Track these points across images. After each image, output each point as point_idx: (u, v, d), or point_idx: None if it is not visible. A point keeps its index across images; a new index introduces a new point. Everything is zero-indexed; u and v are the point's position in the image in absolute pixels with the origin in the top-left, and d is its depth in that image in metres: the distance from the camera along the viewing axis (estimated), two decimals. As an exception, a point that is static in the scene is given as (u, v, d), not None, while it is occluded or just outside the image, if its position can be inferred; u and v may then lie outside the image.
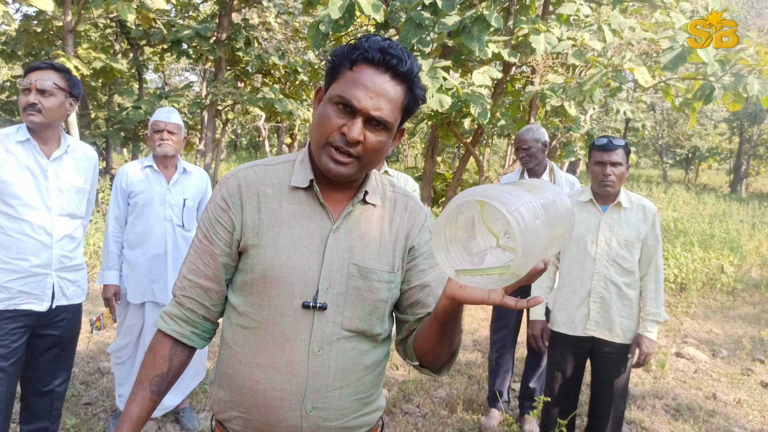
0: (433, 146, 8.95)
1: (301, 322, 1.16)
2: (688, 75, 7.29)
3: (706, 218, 12.87)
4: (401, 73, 1.13)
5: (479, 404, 3.78)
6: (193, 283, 1.24)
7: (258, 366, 1.17)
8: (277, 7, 11.26)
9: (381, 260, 1.22)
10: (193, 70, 23.03)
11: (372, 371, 1.25)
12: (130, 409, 1.18)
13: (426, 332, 1.18)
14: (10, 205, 2.22)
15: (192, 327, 1.25)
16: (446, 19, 6.10)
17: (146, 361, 1.23)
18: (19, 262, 2.25)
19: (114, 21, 12.14)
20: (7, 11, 7.45)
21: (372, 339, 1.24)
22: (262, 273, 1.17)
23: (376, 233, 1.24)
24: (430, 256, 1.28)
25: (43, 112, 2.24)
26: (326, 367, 1.17)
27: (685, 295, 7.14)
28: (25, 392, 2.49)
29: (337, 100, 1.12)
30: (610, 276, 2.68)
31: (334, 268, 1.18)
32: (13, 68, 18.18)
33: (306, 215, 1.20)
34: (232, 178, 1.23)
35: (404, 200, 1.31)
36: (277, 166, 1.25)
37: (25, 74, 2.28)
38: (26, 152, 2.28)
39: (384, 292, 1.22)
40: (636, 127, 11.03)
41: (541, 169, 3.42)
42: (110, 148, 15.26)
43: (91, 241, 6.94)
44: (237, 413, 1.21)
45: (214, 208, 1.23)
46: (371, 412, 1.27)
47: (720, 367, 4.89)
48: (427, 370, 1.27)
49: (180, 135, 3.08)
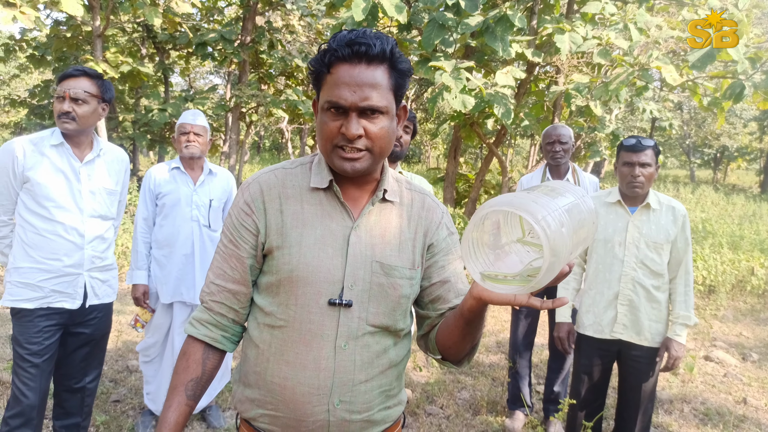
0: (455, 147, 8.92)
1: (327, 319, 1.19)
2: (717, 73, 7.15)
3: (735, 219, 12.60)
4: (375, 56, 1.14)
5: (503, 406, 3.75)
6: (222, 287, 1.26)
7: (286, 363, 1.20)
8: (300, 10, 11.34)
9: (402, 257, 1.25)
10: (217, 73, 23.30)
11: (395, 366, 1.28)
12: (168, 416, 1.20)
13: (450, 329, 1.20)
14: (44, 206, 2.28)
15: (222, 331, 1.28)
16: (469, 20, 6.07)
17: (179, 366, 1.25)
18: (53, 262, 2.31)
19: (141, 25, 12.35)
20: (38, 17, 7.63)
21: (395, 334, 1.27)
22: (288, 273, 1.19)
23: (396, 231, 1.26)
24: (448, 252, 1.32)
25: (77, 119, 2.30)
26: (352, 362, 1.20)
27: (714, 298, 7.00)
28: (58, 389, 2.55)
29: (327, 106, 1.15)
30: (638, 278, 2.64)
31: (358, 266, 1.20)
32: (44, 73, 18.62)
33: (327, 215, 1.23)
34: (253, 182, 1.26)
35: (421, 198, 1.34)
36: (295, 169, 1.28)
37: (59, 81, 2.34)
38: (60, 156, 2.34)
39: (406, 288, 1.25)
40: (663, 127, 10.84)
41: (565, 169, 3.40)
42: (137, 150, 15.51)
43: (119, 241, 7.07)
44: (264, 411, 1.23)
45: (238, 212, 1.25)
46: (394, 406, 1.30)
47: (750, 371, 4.78)
48: (448, 363, 1.30)
49: (206, 137, 3.12)
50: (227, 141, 11.38)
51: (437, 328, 1.28)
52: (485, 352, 4.89)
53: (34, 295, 2.31)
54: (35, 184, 2.27)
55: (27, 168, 2.27)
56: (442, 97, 6.03)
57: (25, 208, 2.30)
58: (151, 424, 3.18)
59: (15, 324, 2.34)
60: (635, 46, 6.60)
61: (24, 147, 2.28)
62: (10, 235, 2.39)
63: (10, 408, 2.32)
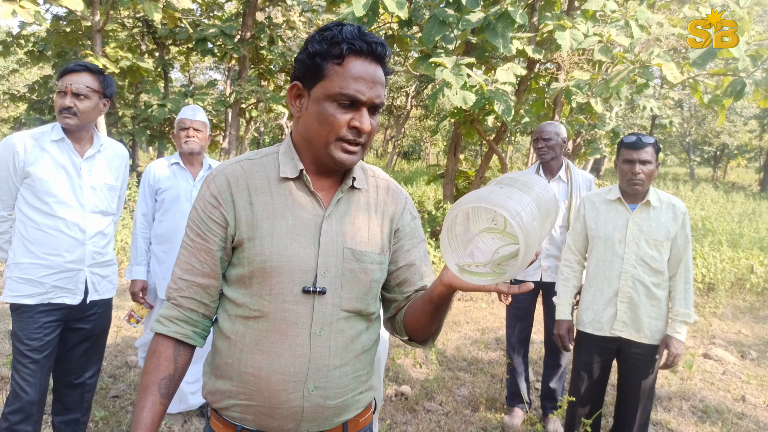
0: (455, 144, 8.91)
1: (302, 307, 1.20)
2: (717, 71, 7.14)
3: (735, 217, 12.61)
4: (383, 57, 1.19)
5: (502, 403, 3.76)
6: (191, 282, 1.24)
7: (260, 352, 1.20)
8: (300, 6, 11.32)
9: (371, 243, 1.28)
10: (217, 69, 23.26)
11: (367, 350, 1.30)
12: (143, 416, 1.18)
13: (418, 312, 1.24)
14: (45, 202, 2.27)
15: (193, 327, 1.26)
16: (470, 16, 6.06)
17: (150, 365, 1.23)
18: (54, 257, 2.30)
19: (141, 20, 12.33)
20: (38, 11, 7.61)
21: (367, 318, 1.29)
22: (261, 264, 1.19)
23: (365, 217, 1.29)
24: (413, 236, 1.36)
25: (78, 115, 2.29)
26: (327, 347, 1.21)
27: (713, 296, 7.00)
28: (58, 384, 2.55)
29: (338, 98, 1.15)
30: (638, 276, 2.64)
31: (330, 253, 1.22)
32: (43, 68, 18.57)
33: (298, 205, 1.23)
34: (219, 174, 1.25)
35: (386, 184, 1.37)
36: (261, 159, 1.27)
37: (60, 76, 2.33)
38: (61, 151, 2.32)
39: (377, 272, 1.28)
40: (663, 124, 10.84)
41: (557, 166, 3.40)
42: (136, 145, 15.50)
43: (119, 237, 7.07)
44: (236, 401, 1.23)
45: (204, 205, 1.24)
46: (366, 391, 1.33)
47: (749, 369, 4.79)
48: (414, 343, 1.34)
49: (205, 132, 3.12)
50: (227, 137, 11.37)
51: (404, 311, 1.32)
52: (484, 348, 4.90)
53: (35, 290, 2.30)
54: (36, 180, 2.26)
55: (27, 163, 2.26)
56: (442, 93, 6.01)
57: (26, 203, 2.29)
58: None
59: (15, 320, 2.33)
60: (636, 43, 6.59)
61: (24, 142, 2.27)
62: (10, 230, 2.38)
63: (10, 404, 2.32)
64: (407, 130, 27.59)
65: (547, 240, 3.38)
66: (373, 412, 1.41)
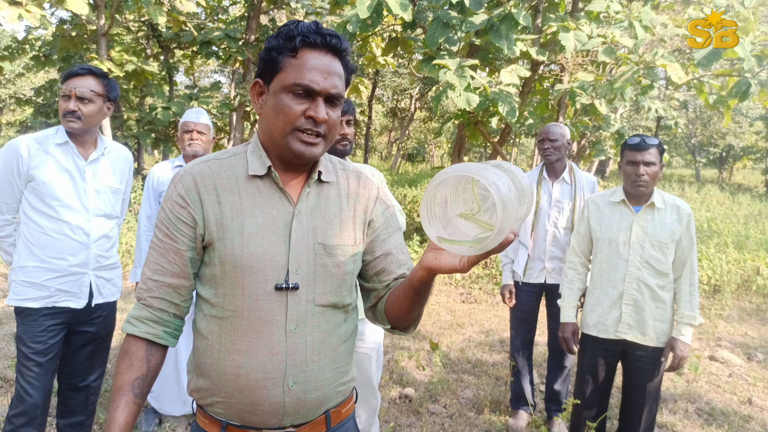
0: (459, 146, 8.90)
1: (275, 305, 1.20)
2: (722, 71, 7.12)
3: (741, 218, 12.54)
4: (340, 50, 1.20)
5: (506, 405, 3.74)
6: (160, 282, 1.24)
7: (237, 352, 1.20)
8: (305, 8, 11.35)
9: (343, 235, 1.28)
10: (222, 72, 23.34)
11: (345, 341, 1.31)
12: (116, 416, 1.18)
13: (400, 299, 1.24)
14: (49, 206, 2.28)
15: (164, 327, 1.26)
16: (474, 18, 6.06)
17: (122, 366, 1.22)
18: (58, 261, 2.30)
19: (145, 24, 12.38)
20: (44, 15, 7.66)
21: (343, 310, 1.29)
22: (233, 264, 1.19)
23: (336, 210, 1.29)
24: (387, 225, 1.36)
25: (82, 119, 2.29)
26: (303, 343, 1.22)
27: (719, 298, 6.97)
28: (62, 387, 2.55)
29: (293, 88, 1.17)
30: (643, 278, 2.62)
31: (301, 250, 1.22)
32: (49, 72, 18.68)
33: (267, 203, 1.23)
34: (186, 174, 1.24)
35: (356, 175, 1.37)
36: (229, 159, 1.27)
37: (64, 80, 2.33)
38: (65, 154, 2.33)
39: (350, 265, 1.28)
40: (668, 126, 10.80)
41: (561, 167, 3.40)
42: (141, 149, 15.56)
43: (124, 240, 7.09)
44: (218, 398, 1.23)
45: (172, 205, 1.23)
46: (347, 382, 1.33)
47: (756, 371, 4.76)
48: (397, 330, 1.34)
49: (209, 135, 3.13)
50: (232, 140, 11.40)
51: (385, 300, 1.32)
52: (489, 351, 4.89)
53: (40, 294, 2.29)
54: (40, 183, 2.26)
55: (32, 167, 2.26)
56: (446, 95, 6.02)
57: (30, 206, 2.30)
58: (154, 422, 3.18)
59: (19, 323, 2.34)
60: (640, 44, 6.58)
61: (29, 145, 2.28)
62: (14, 233, 2.39)
63: (14, 406, 2.32)
64: (411, 133, 27.60)
65: (551, 242, 3.37)
66: (355, 402, 1.41)
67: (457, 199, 1.04)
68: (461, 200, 1.04)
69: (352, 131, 2.55)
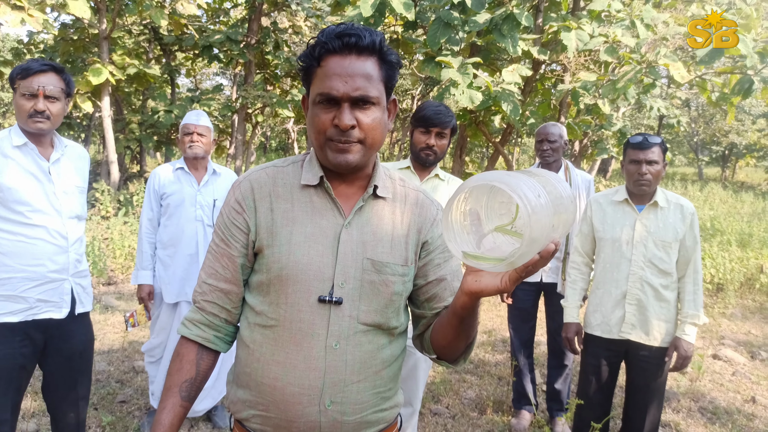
0: (461, 146, 8.90)
1: (317, 318, 1.17)
2: (725, 69, 7.10)
3: (744, 217, 12.49)
4: (365, 47, 1.14)
5: (509, 405, 3.73)
6: (214, 287, 1.25)
7: (276, 363, 1.18)
8: (305, 11, 11.36)
9: (394, 254, 1.23)
10: (223, 74, 23.36)
11: (389, 365, 1.25)
12: (162, 417, 1.18)
13: (444, 327, 1.19)
14: (17, 212, 2.11)
15: (215, 331, 1.26)
16: (477, 18, 6.06)
17: (173, 368, 1.24)
18: (36, 268, 2.14)
19: (147, 27, 12.40)
20: (47, 19, 7.68)
21: (388, 333, 1.25)
22: (278, 272, 1.18)
23: (388, 227, 1.25)
24: (444, 249, 1.30)
25: (51, 119, 2.16)
26: (344, 362, 1.18)
27: (722, 296, 6.94)
28: (52, 411, 2.40)
29: (319, 99, 1.15)
30: (646, 278, 2.61)
31: (348, 263, 1.19)
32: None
33: (318, 212, 1.21)
34: (244, 180, 1.25)
35: (415, 194, 1.32)
36: (287, 167, 1.27)
37: (23, 76, 2.13)
38: (25, 156, 2.17)
39: (398, 285, 1.23)
40: (671, 124, 10.76)
41: (557, 167, 3.41)
42: (144, 151, 15.58)
43: (126, 242, 7.10)
44: (256, 411, 1.21)
45: (229, 211, 1.24)
46: (390, 408, 1.28)
47: (759, 370, 4.74)
48: (444, 362, 1.28)
49: (209, 137, 3.13)
50: (233, 142, 11.41)
51: (432, 328, 1.27)
52: (491, 351, 4.88)
53: (18, 307, 2.13)
54: (4, 189, 2.09)
55: None
56: (449, 93, 6.01)
57: None
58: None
59: None
60: (642, 43, 6.57)
61: None
62: None
63: None
64: (413, 133, 27.53)
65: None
66: (399, 429, 1.36)
67: (491, 212, 0.96)
68: (497, 214, 0.96)
69: (443, 143, 2.57)
